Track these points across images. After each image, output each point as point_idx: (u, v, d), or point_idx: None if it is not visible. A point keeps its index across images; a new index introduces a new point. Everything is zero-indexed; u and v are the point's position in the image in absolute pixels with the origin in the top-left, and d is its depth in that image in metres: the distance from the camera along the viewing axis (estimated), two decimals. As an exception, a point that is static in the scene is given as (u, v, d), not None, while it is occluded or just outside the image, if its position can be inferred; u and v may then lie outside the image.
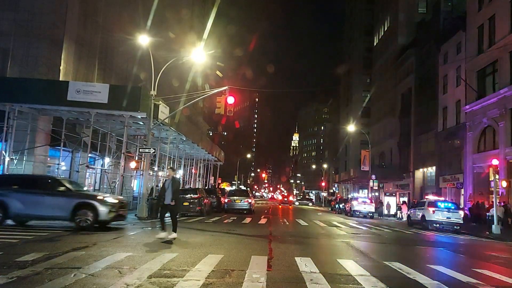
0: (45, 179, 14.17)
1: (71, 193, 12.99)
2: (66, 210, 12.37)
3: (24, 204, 12.48)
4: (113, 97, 17.74)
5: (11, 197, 12.48)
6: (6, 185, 13.10)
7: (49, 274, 6.08)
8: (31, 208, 12.52)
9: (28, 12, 20.02)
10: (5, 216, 12.44)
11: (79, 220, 12.31)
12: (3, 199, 12.37)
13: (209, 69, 48.41)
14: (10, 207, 12.39)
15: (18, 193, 12.62)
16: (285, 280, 6.37)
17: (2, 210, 12.38)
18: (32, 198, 12.57)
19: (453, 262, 9.99)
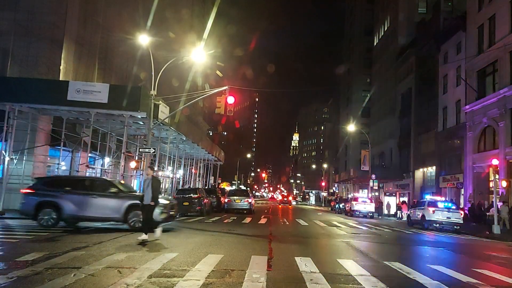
0: (97, 181, 14.23)
1: (123, 194, 12.97)
2: (118, 212, 12.42)
3: (77, 205, 12.48)
4: (113, 97, 17.75)
5: (64, 199, 12.47)
6: (58, 186, 13.04)
7: (49, 274, 6.08)
8: (84, 210, 12.50)
9: (28, 12, 20.02)
10: (58, 218, 12.41)
11: (132, 221, 12.35)
12: (56, 201, 12.32)
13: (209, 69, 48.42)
14: (63, 208, 12.36)
15: (71, 195, 12.62)
16: (285, 280, 6.36)
17: (56, 211, 12.35)
18: (85, 200, 12.57)
19: (453, 262, 9.99)
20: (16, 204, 18.09)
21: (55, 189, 12.83)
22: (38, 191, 12.79)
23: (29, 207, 12.51)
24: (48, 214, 12.36)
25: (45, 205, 12.43)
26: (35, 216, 12.42)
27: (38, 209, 12.38)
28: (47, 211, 12.38)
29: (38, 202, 12.43)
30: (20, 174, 18.29)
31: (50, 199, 12.43)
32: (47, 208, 12.40)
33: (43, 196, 12.57)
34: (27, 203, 12.67)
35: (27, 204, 12.63)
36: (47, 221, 12.34)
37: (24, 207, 12.83)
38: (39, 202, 12.44)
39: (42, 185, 13.25)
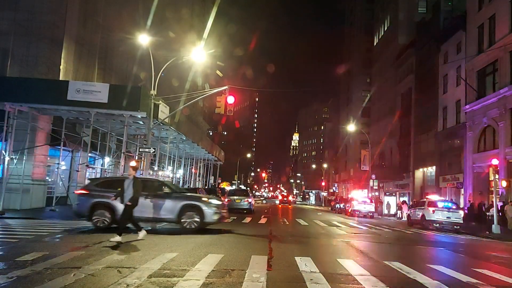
0: (150, 181, 14.10)
1: (176, 194, 12.92)
2: (172, 212, 12.33)
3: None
4: (113, 97, 17.75)
5: (117, 200, 12.38)
6: (111, 187, 12.88)
7: (49, 273, 6.08)
8: (137, 210, 12.18)
9: (28, 11, 20.02)
10: (113, 219, 12.34)
11: (185, 222, 12.28)
12: (110, 202, 12.17)
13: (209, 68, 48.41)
14: (117, 210, 12.19)
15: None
16: (285, 279, 6.36)
17: (110, 213, 12.30)
18: (139, 201, 12.46)
19: (453, 262, 9.99)
20: (16, 204, 18.18)
21: (109, 190, 12.68)
22: (92, 192, 12.76)
23: (84, 208, 12.49)
24: (103, 216, 12.34)
25: (99, 207, 12.40)
26: (90, 217, 12.40)
27: (92, 210, 12.36)
28: (101, 212, 12.36)
29: (93, 203, 12.40)
30: (20, 174, 18.30)
31: (104, 200, 12.35)
32: (101, 210, 12.37)
33: (97, 197, 12.52)
34: (81, 204, 12.65)
35: (82, 205, 12.61)
36: (102, 222, 12.31)
37: (79, 208, 12.82)
38: (94, 203, 12.40)
39: (95, 186, 13.22)
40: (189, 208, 12.35)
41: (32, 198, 19.32)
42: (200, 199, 12.83)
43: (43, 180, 20.61)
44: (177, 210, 12.33)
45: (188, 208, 12.36)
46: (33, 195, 19.41)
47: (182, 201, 12.48)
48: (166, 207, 12.45)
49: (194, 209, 12.39)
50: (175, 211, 12.34)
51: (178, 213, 12.31)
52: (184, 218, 12.34)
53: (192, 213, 12.31)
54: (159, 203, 12.50)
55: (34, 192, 19.49)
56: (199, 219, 12.31)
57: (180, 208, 12.34)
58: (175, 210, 12.35)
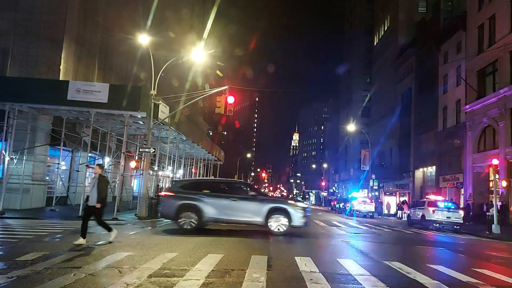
0: (235, 183, 14.14)
1: (263, 197, 12.88)
2: (260, 215, 12.23)
3: (217, 208, 12.37)
4: (113, 97, 17.73)
5: (204, 202, 12.39)
6: (197, 189, 12.94)
7: (49, 273, 6.08)
8: (224, 213, 12.34)
9: (28, 11, 20.04)
10: (199, 221, 12.33)
11: (273, 225, 12.19)
12: (197, 204, 12.23)
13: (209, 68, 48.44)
14: (204, 212, 12.26)
15: (210, 198, 12.52)
16: (285, 279, 6.36)
17: (197, 215, 12.28)
18: (225, 203, 12.44)
19: (453, 261, 9.99)
20: (16, 204, 18.18)
21: (194, 192, 12.69)
22: (178, 194, 12.73)
23: (170, 210, 12.50)
24: (189, 217, 12.33)
25: (186, 208, 12.38)
26: (176, 219, 12.40)
27: (178, 212, 12.35)
28: (188, 214, 12.35)
29: (179, 205, 12.38)
30: (20, 174, 18.30)
31: (191, 202, 12.35)
32: (188, 211, 12.36)
33: (183, 199, 12.49)
34: (167, 206, 12.65)
35: (168, 207, 12.61)
36: (189, 224, 12.32)
37: (165, 210, 12.83)
38: (180, 205, 12.38)
39: (180, 187, 13.19)
40: (276, 211, 12.21)
41: (32, 198, 19.32)
42: (286, 202, 12.77)
43: (43, 180, 20.61)
44: (264, 213, 12.18)
45: (275, 211, 12.22)
46: (33, 195, 19.41)
47: (269, 204, 12.36)
48: (252, 209, 12.31)
49: (281, 212, 12.24)
50: (262, 214, 12.20)
51: (265, 216, 12.17)
52: (271, 221, 12.21)
53: (279, 216, 12.17)
54: (245, 205, 12.39)
55: (34, 192, 19.49)
56: (287, 222, 12.20)
57: (267, 211, 12.20)
58: (262, 213, 12.20)
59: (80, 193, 20.24)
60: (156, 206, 19.35)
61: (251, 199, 12.60)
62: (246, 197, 12.67)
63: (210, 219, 12.47)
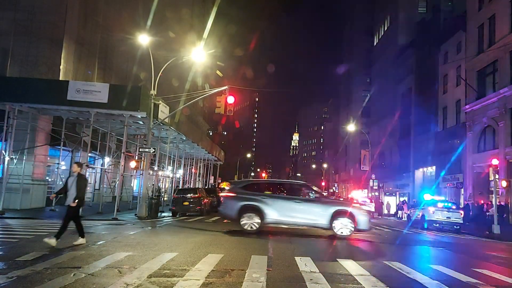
0: (297, 185, 13.91)
1: (327, 200, 12.84)
2: (324, 218, 12.10)
3: (279, 210, 12.28)
4: (113, 97, 17.75)
5: (266, 203, 12.30)
6: (258, 190, 12.87)
7: (48, 273, 6.08)
8: (286, 215, 12.23)
9: (28, 11, 20.05)
10: (261, 223, 12.26)
11: (337, 228, 12.07)
12: (259, 205, 12.13)
13: (209, 68, 48.43)
14: (266, 213, 12.17)
15: (273, 199, 12.44)
16: (285, 279, 6.36)
17: (259, 217, 12.21)
18: (288, 205, 12.33)
19: (453, 261, 9.98)
20: (16, 204, 18.18)
21: (256, 193, 12.60)
22: (238, 195, 12.67)
23: (232, 211, 12.46)
24: (251, 219, 12.29)
25: (247, 210, 12.32)
26: (238, 221, 12.34)
27: (240, 213, 12.29)
28: (250, 215, 12.29)
29: (241, 206, 12.32)
30: (20, 174, 18.30)
31: (252, 203, 12.27)
32: (250, 213, 12.29)
33: (245, 200, 12.43)
34: (229, 207, 12.61)
35: (229, 208, 12.58)
36: (251, 226, 12.28)
37: (226, 211, 12.80)
38: (242, 206, 12.32)
39: (241, 188, 13.11)
40: (341, 214, 12.10)
41: (32, 198, 19.33)
42: (351, 205, 12.66)
43: (43, 180, 20.62)
44: (329, 215, 12.05)
45: (340, 214, 12.10)
46: (33, 195, 19.42)
47: (334, 207, 12.26)
48: (316, 212, 12.19)
49: (346, 215, 12.12)
50: (326, 217, 12.07)
51: (329, 218, 12.04)
52: (335, 224, 12.10)
53: (344, 219, 12.06)
54: (309, 208, 12.27)
55: (34, 192, 19.50)
56: (352, 225, 12.11)
57: (332, 213, 12.08)
58: (326, 215, 12.08)
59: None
60: (156, 206, 19.38)
61: (315, 201, 12.46)
62: (310, 199, 12.54)
63: (272, 221, 12.39)
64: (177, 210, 21.22)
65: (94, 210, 19.92)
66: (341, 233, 12.09)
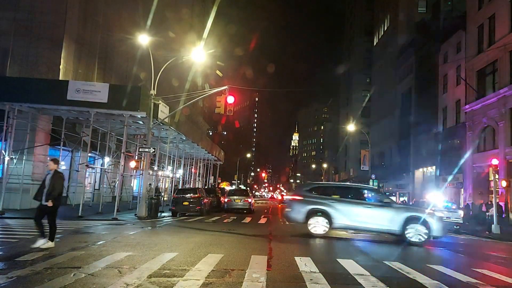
0: (366, 189, 13.74)
1: (398, 205, 12.66)
2: (396, 224, 11.88)
3: (348, 215, 12.15)
4: (113, 97, 17.75)
5: (334, 207, 12.18)
6: (325, 194, 12.74)
7: (48, 273, 6.07)
8: (355, 220, 12.07)
9: (28, 11, 20.05)
10: (330, 228, 12.17)
11: (410, 235, 11.86)
12: (327, 209, 12.02)
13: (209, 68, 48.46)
14: (334, 217, 12.07)
15: (341, 203, 12.30)
16: (285, 279, 6.36)
17: (328, 221, 12.11)
18: (357, 210, 12.17)
19: (453, 262, 9.98)
20: (16, 204, 18.18)
21: (323, 196, 12.46)
22: (306, 198, 12.57)
23: (299, 214, 12.40)
24: (319, 223, 12.20)
25: (315, 213, 12.26)
26: (305, 224, 12.30)
27: (308, 217, 12.24)
28: (318, 219, 12.21)
29: (309, 210, 12.24)
30: (20, 174, 18.30)
31: (321, 207, 12.18)
32: (318, 217, 12.22)
33: (313, 203, 12.34)
34: (296, 210, 12.52)
35: (297, 211, 12.50)
36: (318, 230, 12.21)
37: (293, 214, 12.70)
38: (310, 210, 12.24)
39: (308, 191, 13.01)
40: (413, 220, 11.88)
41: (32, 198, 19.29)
42: (424, 211, 12.44)
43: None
44: (401, 221, 11.83)
45: (412, 220, 11.88)
46: (33, 195, 19.37)
47: (406, 212, 12.05)
48: (387, 218, 11.99)
49: (419, 221, 11.86)
50: (398, 223, 11.85)
51: (402, 224, 11.83)
52: (408, 231, 11.89)
53: (417, 225, 11.83)
54: (380, 213, 12.08)
55: (34, 192, 19.39)
56: (426, 232, 11.85)
57: (404, 219, 11.86)
58: (398, 221, 11.86)
59: (80, 193, 20.22)
60: (156, 206, 19.35)
61: (386, 206, 12.20)
62: (381, 204, 12.27)
63: (341, 225, 12.30)
64: (177, 210, 21.22)
65: (94, 210, 19.92)
66: (414, 240, 11.81)
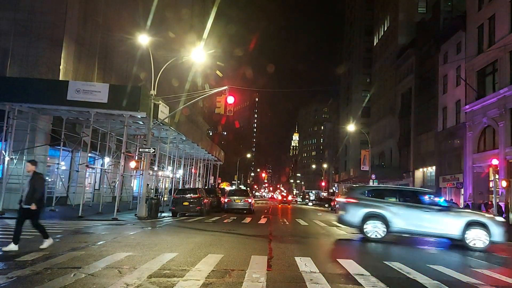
0: (425, 193, 13.52)
1: (458, 209, 12.51)
2: (456, 228, 11.73)
3: (406, 219, 12.02)
4: (113, 97, 17.74)
5: (391, 211, 12.07)
6: (381, 197, 12.63)
7: (48, 274, 6.08)
8: (413, 224, 11.92)
9: (28, 11, 20.05)
10: (387, 232, 12.06)
11: (471, 240, 11.73)
12: (384, 214, 11.91)
13: (209, 68, 48.47)
14: (391, 221, 11.95)
15: (398, 207, 12.17)
16: (285, 280, 6.36)
17: (385, 225, 12.01)
18: (414, 214, 12.02)
19: (453, 261, 9.98)
20: (16, 204, 18.12)
21: (379, 199, 12.34)
22: (361, 201, 12.48)
23: (354, 218, 12.32)
24: (376, 227, 12.12)
25: (372, 217, 12.15)
26: (361, 228, 12.21)
27: (364, 220, 12.14)
28: (374, 223, 12.11)
29: (365, 214, 12.15)
30: (20, 174, 18.29)
31: (377, 210, 12.06)
32: (375, 220, 12.10)
33: (368, 206, 12.25)
34: (351, 213, 12.43)
35: (352, 215, 12.40)
36: (375, 234, 12.13)
37: (347, 217, 12.60)
38: (366, 213, 12.15)
39: (362, 194, 12.90)
40: (474, 225, 11.75)
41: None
42: (485, 216, 12.28)
43: (43, 180, 20.58)
44: (461, 226, 11.70)
45: (473, 225, 11.75)
46: (33, 195, 19.35)
47: (466, 217, 11.93)
48: (447, 222, 11.87)
49: (480, 226, 11.72)
50: (458, 228, 11.72)
51: (462, 229, 11.71)
52: (468, 236, 11.76)
53: (478, 230, 11.69)
54: (439, 217, 11.96)
55: (34, 192, 19.44)
56: (487, 237, 11.70)
57: (464, 224, 11.74)
58: (458, 226, 11.73)
59: (80, 193, 20.22)
60: (156, 206, 19.35)
61: (445, 210, 12.08)
62: (440, 208, 12.11)
63: (398, 230, 12.20)
64: (177, 210, 21.22)
65: (94, 210, 19.92)
66: (474, 245, 11.67)
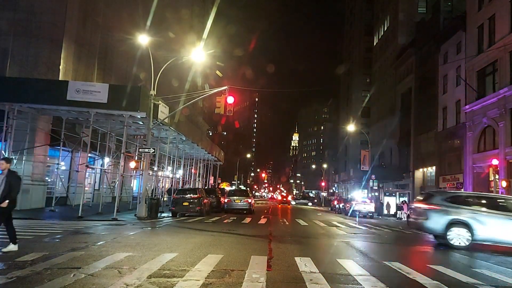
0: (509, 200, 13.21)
1: None
2: None
3: (492, 228, 11.89)
4: (112, 97, 17.74)
5: (476, 219, 11.92)
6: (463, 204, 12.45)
7: (48, 274, 6.07)
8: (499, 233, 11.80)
9: (27, 11, 20.05)
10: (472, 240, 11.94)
11: None
12: (469, 221, 11.78)
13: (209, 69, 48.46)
14: (475, 229, 11.81)
15: (484, 215, 12.03)
16: (285, 280, 6.36)
17: (470, 233, 11.86)
18: (501, 222, 11.90)
19: (453, 261, 9.98)
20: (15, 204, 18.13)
21: (463, 207, 12.18)
22: (443, 208, 12.32)
23: (437, 224, 12.22)
24: (461, 234, 11.99)
25: (456, 224, 12.03)
26: (445, 235, 12.10)
27: (448, 227, 12.03)
28: (459, 230, 11.99)
29: (450, 221, 12.02)
30: (20, 174, 18.24)
31: (462, 218, 11.91)
32: (459, 228, 11.98)
33: (453, 213, 12.11)
34: (434, 220, 12.29)
35: (435, 222, 12.29)
36: (459, 242, 12.01)
37: (430, 224, 12.46)
38: (451, 220, 12.02)
39: (444, 201, 12.68)
40: None
41: (32, 199, 19.31)
42: None
43: (42, 181, 20.59)
44: None
45: None
46: (33, 195, 19.39)
47: None
48: None
49: None
50: None
51: None
52: None
53: None
54: None
55: (33, 193, 19.47)
56: None
57: None
58: None
59: (79, 193, 20.21)
60: (156, 206, 19.34)
61: None
62: None
63: (485, 238, 12.07)
64: (177, 210, 21.21)
65: (94, 210, 19.91)
66: None
